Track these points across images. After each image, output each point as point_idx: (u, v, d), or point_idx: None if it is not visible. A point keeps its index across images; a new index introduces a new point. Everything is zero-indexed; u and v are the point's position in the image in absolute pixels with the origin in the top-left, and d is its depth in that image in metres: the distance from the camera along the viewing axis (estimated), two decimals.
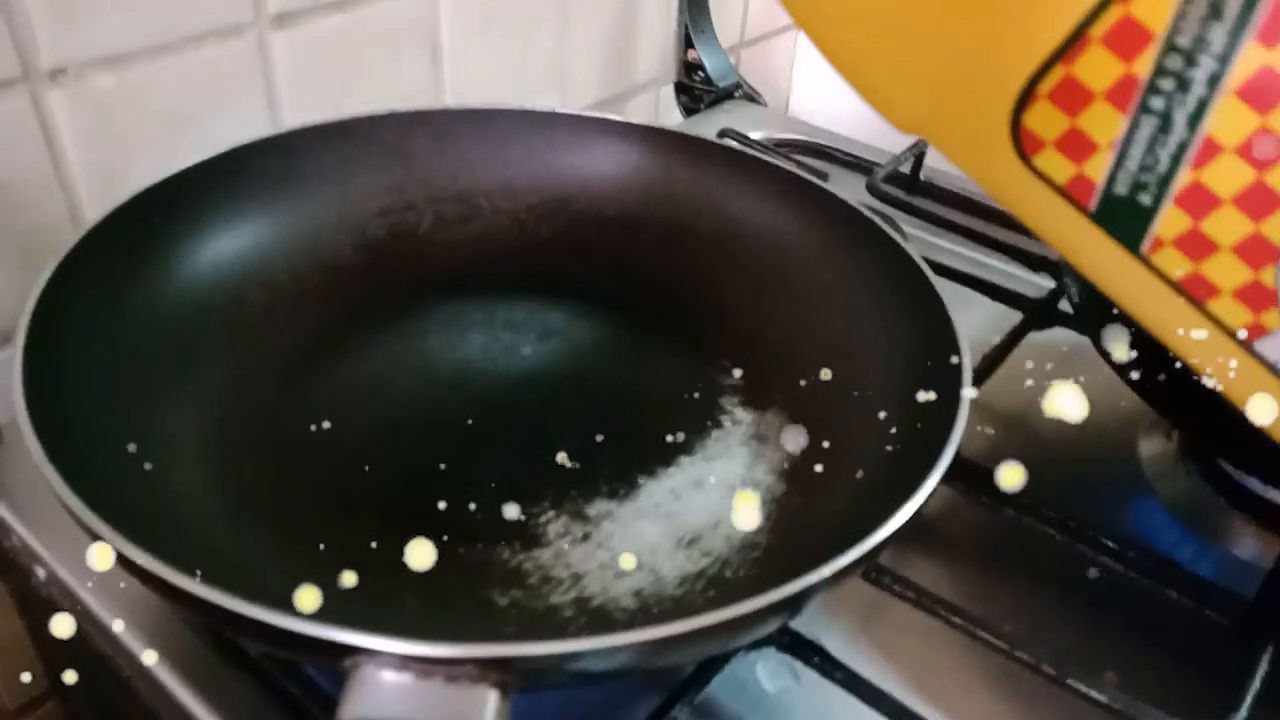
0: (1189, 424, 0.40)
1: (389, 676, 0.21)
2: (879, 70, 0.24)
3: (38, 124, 0.40)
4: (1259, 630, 0.31)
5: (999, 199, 0.24)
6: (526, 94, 0.58)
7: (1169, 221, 0.21)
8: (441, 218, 0.43)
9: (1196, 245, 0.21)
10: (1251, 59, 0.19)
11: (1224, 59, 0.19)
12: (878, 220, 0.38)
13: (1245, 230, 0.20)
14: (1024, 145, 0.22)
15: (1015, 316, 0.45)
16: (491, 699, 0.21)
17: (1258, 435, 0.33)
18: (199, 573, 0.22)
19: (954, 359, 0.32)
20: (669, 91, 0.68)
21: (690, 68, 0.66)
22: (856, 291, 0.38)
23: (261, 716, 0.29)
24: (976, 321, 0.43)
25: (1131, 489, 0.42)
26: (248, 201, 0.38)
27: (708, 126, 0.61)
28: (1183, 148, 0.20)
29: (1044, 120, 0.22)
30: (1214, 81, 0.20)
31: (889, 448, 0.33)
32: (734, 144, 0.44)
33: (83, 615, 0.32)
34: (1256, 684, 0.29)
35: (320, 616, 0.22)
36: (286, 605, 0.21)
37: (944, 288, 0.35)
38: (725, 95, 0.66)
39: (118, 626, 0.31)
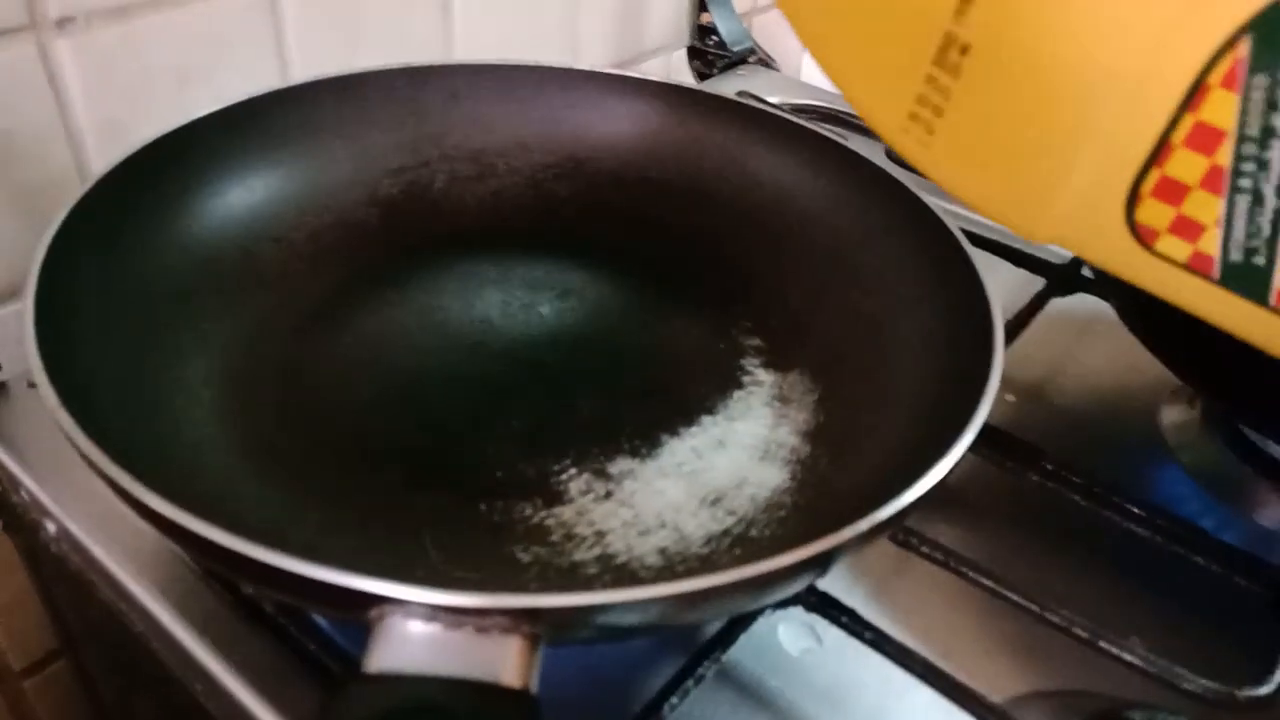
0: (1214, 390, 0.40)
1: (417, 627, 0.21)
2: (1016, 210, 0.28)
3: (44, 74, 0.39)
4: None
5: (1135, 283, 0.27)
6: (536, 55, 0.57)
7: None
8: (456, 176, 0.42)
9: None
10: None
11: None
12: (906, 182, 0.37)
13: None
14: (1143, 237, 0.26)
15: (1037, 283, 0.45)
16: (522, 651, 0.21)
17: None
18: (220, 524, 0.22)
19: (984, 323, 0.31)
20: (681, 56, 0.67)
21: (704, 31, 0.65)
22: (883, 253, 0.38)
23: (277, 672, 0.28)
24: (997, 287, 0.42)
25: (1154, 457, 0.42)
26: (258, 155, 0.38)
27: (722, 91, 0.60)
28: (1278, 213, 0.23)
29: (1154, 214, 0.25)
30: None
31: (918, 411, 0.32)
32: (755, 103, 0.43)
33: (94, 570, 0.31)
34: None
35: (344, 567, 0.21)
36: (305, 554, 0.21)
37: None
38: (739, 60, 0.65)
39: (131, 582, 0.30)
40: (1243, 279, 0.25)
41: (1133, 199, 0.25)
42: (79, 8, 0.38)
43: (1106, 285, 0.45)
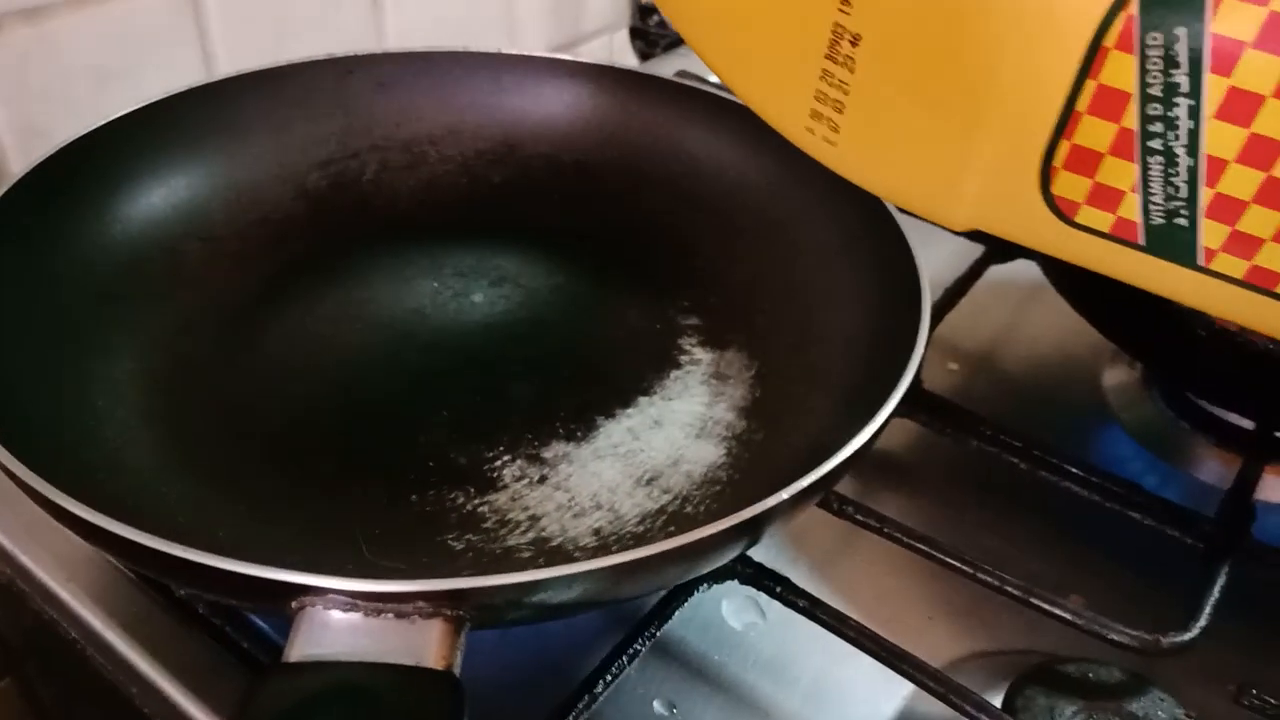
0: (1149, 355, 0.40)
1: (337, 616, 0.21)
2: (930, 199, 0.28)
3: None
4: (1219, 545, 0.32)
5: (1062, 258, 0.26)
6: (473, 41, 0.57)
7: (1210, 233, 0.23)
8: (386, 166, 0.41)
9: (1243, 245, 0.23)
10: (1216, 87, 0.22)
11: (1194, 94, 0.22)
12: None
13: (1277, 220, 0.23)
14: (1063, 210, 0.25)
15: (975, 250, 0.45)
16: (444, 634, 0.21)
17: (1213, 363, 0.34)
18: (144, 526, 0.21)
19: (912, 291, 0.31)
20: (623, 36, 0.66)
21: (644, 11, 0.65)
22: (816, 228, 0.38)
23: (214, 671, 0.28)
24: (939, 257, 0.42)
25: (1097, 419, 0.42)
26: (181, 153, 0.37)
27: (664, 71, 0.59)
28: (1193, 171, 0.23)
29: (1070, 186, 0.25)
30: (1194, 113, 0.22)
31: (851, 381, 0.32)
32: (689, 81, 0.43)
33: (25, 579, 0.31)
34: (1215, 594, 0.29)
35: (270, 562, 0.21)
36: (232, 551, 0.21)
37: (904, 223, 0.34)
38: (680, 39, 0.65)
39: (61, 590, 0.30)
40: (1168, 242, 0.24)
41: (1046, 173, 0.25)
42: None
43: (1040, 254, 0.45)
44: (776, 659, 0.31)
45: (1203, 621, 0.28)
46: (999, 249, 0.45)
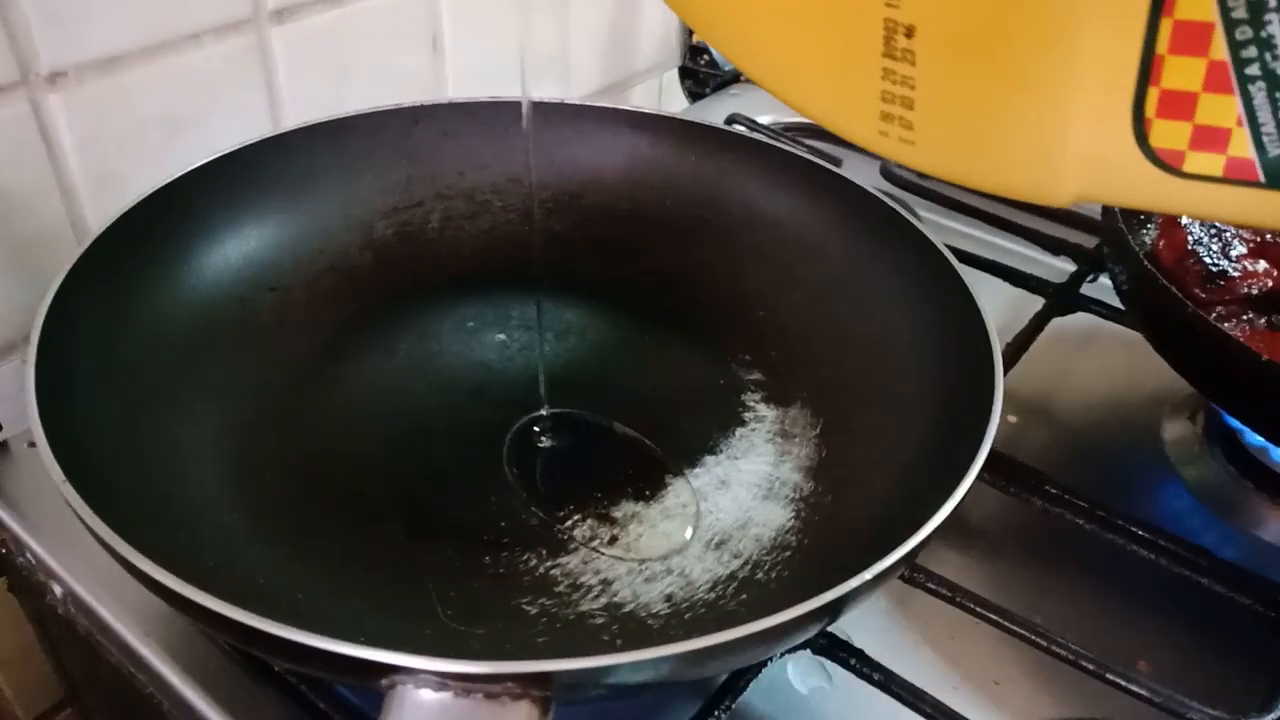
0: (1225, 397, 0.39)
1: (428, 695, 0.21)
2: (1027, 180, 0.26)
3: (37, 129, 0.39)
4: None
5: (1178, 212, 0.25)
6: (529, 82, 0.57)
7: None
8: (450, 215, 0.42)
9: None
10: None
11: None
12: (898, 206, 0.37)
13: None
14: (1168, 162, 0.23)
15: (1033, 300, 0.45)
16: (532, 714, 0.21)
17: None
18: (228, 593, 0.22)
19: (983, 349, 0.31)
20: (673, 76, 0.67)
21: (695, 51, 0.65)
22: (878, 280, 0.38)
23: None
24: (994, 307, 0.42)
25: (1157, 474, 0.42)
26: (252, 204, 0.38)
27: (715, 112, 0.60)
28: None
29: (1169, 135, 0.23)
30: None
31: (919, 441, 0.32)
32: (747, 131, 0.43)
33: (103, 632, 0.31)
34: None
35: (353, 634, 0.21)
36: (319, 625, 0.21)
37: (966, 274, 0.34)
38: (731, 79, 0.65)
39: (140, 644, 0.30)
40: None
41: (1140, 126, 0.23)
42: (70, 62, 0.38)
43: (1130, 301, 0.43)
44: None
45: None
46: (1059, 301, 0.45)
